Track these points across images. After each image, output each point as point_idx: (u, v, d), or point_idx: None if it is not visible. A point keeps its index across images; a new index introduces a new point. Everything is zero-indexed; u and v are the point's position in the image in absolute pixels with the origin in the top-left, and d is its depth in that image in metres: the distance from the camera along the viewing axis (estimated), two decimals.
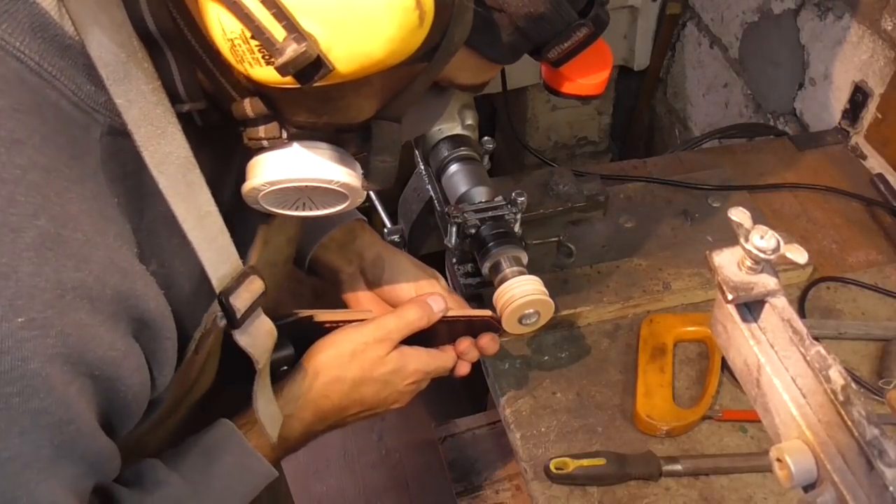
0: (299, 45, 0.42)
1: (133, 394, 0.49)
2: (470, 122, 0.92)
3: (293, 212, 0.59)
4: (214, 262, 0.54)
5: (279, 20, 0.42)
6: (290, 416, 0.67)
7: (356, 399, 0.70)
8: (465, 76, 0.57)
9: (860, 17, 1.18)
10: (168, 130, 0.49)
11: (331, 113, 0.53)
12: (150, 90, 0.48)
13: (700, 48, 1.71)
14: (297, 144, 0.54)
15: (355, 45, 0.44)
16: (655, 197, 1.10)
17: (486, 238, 0.82)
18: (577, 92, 0.63)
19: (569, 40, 0.54)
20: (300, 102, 0.52)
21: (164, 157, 0.49)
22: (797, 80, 1.37)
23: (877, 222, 1.09)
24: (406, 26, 0.44)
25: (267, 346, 0.61)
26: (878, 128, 1.17)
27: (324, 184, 0.55)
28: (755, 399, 0.51)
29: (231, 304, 0.56)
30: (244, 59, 0.45)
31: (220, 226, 0.54)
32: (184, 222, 0.51)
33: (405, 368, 0.71)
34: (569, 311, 0.94)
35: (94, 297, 0.44)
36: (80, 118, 0.46)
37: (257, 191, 0.55)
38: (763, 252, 0.47)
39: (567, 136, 2.02)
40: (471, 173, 0.90)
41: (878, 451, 0.40)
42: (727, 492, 0.80)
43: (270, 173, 0.54)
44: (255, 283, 0.58)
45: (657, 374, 0.88)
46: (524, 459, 0.83)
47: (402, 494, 1.88)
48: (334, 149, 0.55)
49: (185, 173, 0.51)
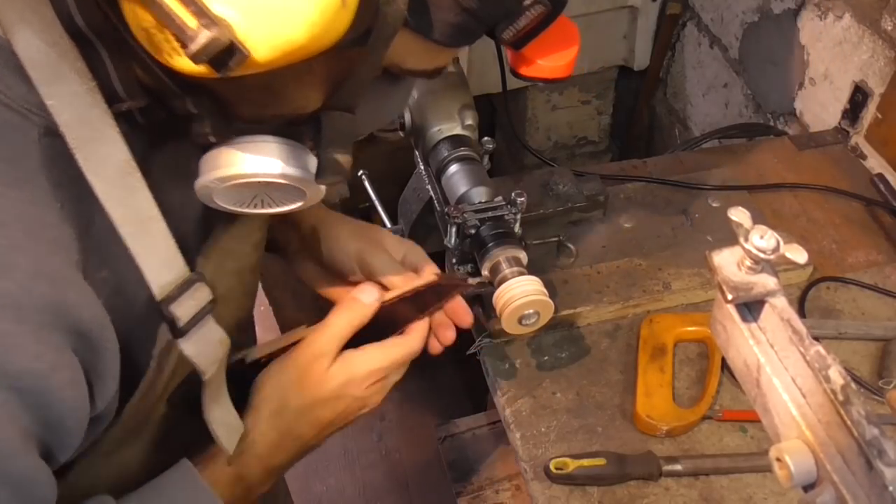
0: (211, 31, 0.40)
1: (68, 408, 0.47)
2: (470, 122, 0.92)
3: (252, 210, 0.56)
4: (156, 270, 0.52)
5: (187, 6, 0.40)
6: (242, 453, 0.64)
7: (312, 422, 0.67)
8: (415, 61, 0.54)
9: (860, 17, 1.18)
10: (106, 132, 0.47)
11: (275, 104, 0.51)
12: (84, 91, 0.46)
13: (700, 48, 1.71)
14: (245, 139, 0.52)
15: (273, 30, 0.41)
16: (655, 197, 1.10)
17: (486, 238, 0.82)
18: (539, 75, 0.60)
19: (522, 20, 0.52)
20: (241, 95, 0.50)
21: (100, 160, 0.47)
22: (797, 80, 1.37)
23: (877, 222, 1.09)
24: (327, 8, 0.41)
25: (216, 357, 0.58)
26: (878, 128, 1.17)
27: (275, 179, 0.53)
28: (755, 399, 0.51)
29: (172, 312, 0.53)
30: (162, 49, 0.42)
31: (164, 232, 0.52)
32: (121, 228, 0.49)
33: (355, 375, 0.66)
34: (569, 311, 0.94)
35: (20, 305, 0.42)
36: (13, 120, 0.44)
37: (209, 189, 0.53)
38: (763, 252, 0.47)
39: (567, 136, 2.02)
40: (471, 173, 0.90)
41: (877, 451, 0.40)
42: (727, 492, 0.80)
43: (219, 170, 0.52)
44: (202, 290, 0.55)
45: (657, 374, 0.88)
46: (524, 459, 0.83)
47: (402, 494, 1.89)
48: (286, 142, 0.53)
49: (124, 177, 0.49)
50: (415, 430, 1.97)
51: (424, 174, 1.00)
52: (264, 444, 0.65)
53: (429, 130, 0.92)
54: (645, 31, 1.78)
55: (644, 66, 1.85)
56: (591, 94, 1.94)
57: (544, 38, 0.55)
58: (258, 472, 0.65)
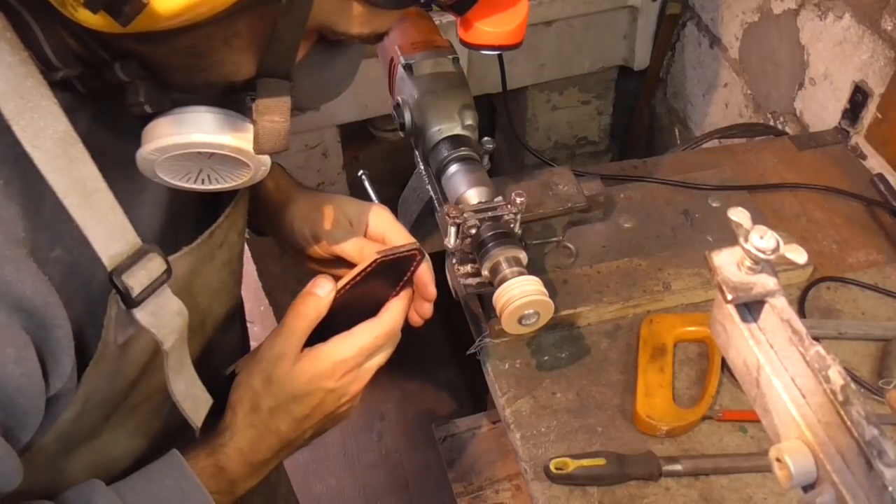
0: None
1: (14, 387, 0.47)
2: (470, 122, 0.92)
3: (198, 186, 0.55)
4: (105, 240, 0.51)
5: None
6: (223, 446, 0.65)
7: (287, 419, 0.66)
8: (349, 24, 0.52)
9: (860, 17, 1.18)
10: (41, 103, 0.46)
11: (206, 70, 0.50)
12: (16, 62, 0.45)
13: (700, 48, 1.71)
14: (181, 109, 0.51)
15: None
16: (655, 197, 1.10)
17: (486, 238, 0.82)
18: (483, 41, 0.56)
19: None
20: (170, 60, 0.49)
21: (38, 131, 0.46)
22: (797, 80, 1.37)
23: (877, 222, 1.09)
24: None
25: (174, 327, 0.57)
26: (878, 128, 1.17)
27: (212, 149, 0.52)
28: (755, 399, 0.51)
29: (124, 282, 0.52)
30: (66, 2, 0.41)
31: (111, 202, 0.51)
32: (65, 199, 0.48)
33: (321, 369, 0.65)
34: (569, 311, 0.94)
35: None
36: None
37: (149, 161, 0.52)
38: (762, 252, 0.47)
39: (567, 136, 2.02)
40: (471, 173, 0.90)
41: (877, 452, 0.40)
42: (727, 492, 0.80)
43: (156, 141, 0.51)
44: (154, 260, 0.54)
45: (657, 374, 0.88)
46: (524, 459, 0.84)
47: (402, 494, 1.89)
48: (224, 112, 0.52)
49: (66, 148, 0.48)
50: (415, 430, 1.97)
51: (424, 174, 1.00)
52: (244, 439, 0.65)
53: (429, 130, 0.92)
54: (645, 31, 1.78)
55: (644, 66, 1.85)
56: (591, 94, 1.94)
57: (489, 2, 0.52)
58: (240, 465, 0.65)
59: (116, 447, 0.64)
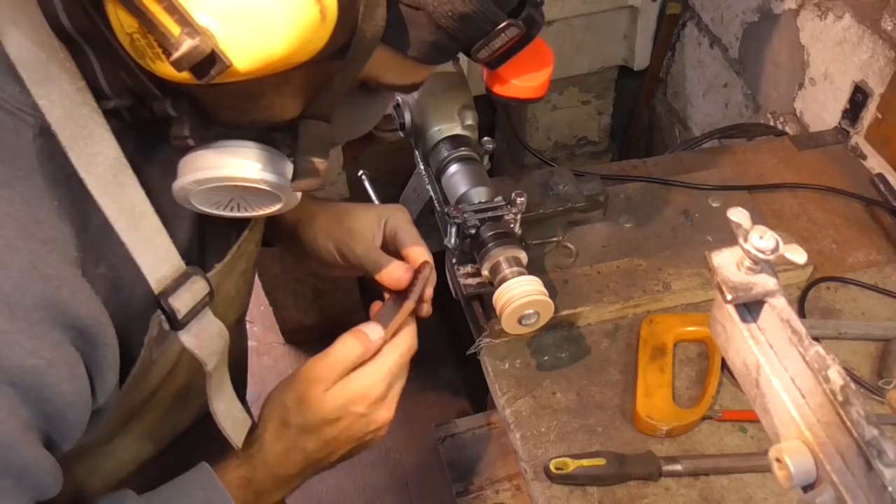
0: (193, 39, 0.41)
1: (66, 403, 0.48)
2: (470, 122, 0.92)
3: (227, 213, 0.58)
4: (152, 264, 0.53)
5: (171, 14, 0.41)
6: (251, 457, 0.66)
7: (315, 440, 0.67)
8: (392, 76, 0.55)
9: (860, 17, 1.18)
10: (95, 130, 0.48)
11: (254, 111, 0.52)
12: (73, 90, 0.47)
13: (700, 48, 1.71)
14: (223, 143, 0.53)
15: (253, 41, 0.42)
16: (655, 197, 1.10)
17: (486, 238, 0.82)
18: (512, 94, 0.61)
19: (497, 41, 0.53)
20: (221, 100, 0.51)
21: (91, 157, 0.48)
22: (797, 80, 1.37)
23: (877, 222, 1.09)
24: (306, 23, 0.43)
25: (217, 348, 0.60)
26: (878, 128, 1.17)
27: (251, 183, 0.54)
28: (754, 399, 0.51)
29: (171, 304, 0.54)
30: (145, 54, 0.44)
31: (157, 226, 0.53)
32: (115, 223, 0.50)
33: (354, 395, 0.66)
34: (569, 311, 0.94)
35: (13, 303, 0.43)
36: (6, 120, 0.45)
37: (186, 191, 0.54)
38: (762, 252, 0.47)
39: (567, 136, 2.02)
40: (471, 173, 0.90)
41: (876, 452, 0.40)
42: (727, 492, 0.80)
43: (196, 173, 0.53)
44: (198, 283, 0.56)
45: (657, 374, 0.88)
46: (524, 459, 0.84)
47: (402, 494, 1.89)
48: (264, 148, 0.54)
49: (116, 173, 0.50)
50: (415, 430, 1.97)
51: (424, 174, 1.00)
52: (272, 452, 0.67)
53: (429, 130, 0.92)
54: (645, 31, 1.78)
55: (644, 66, 1.85)
56: (591, 94, 1.94)
57: (519, 59, 0.55)
58: (267, 478, 0.67)
59: (125, 451, 0.64)
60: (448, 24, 0.50)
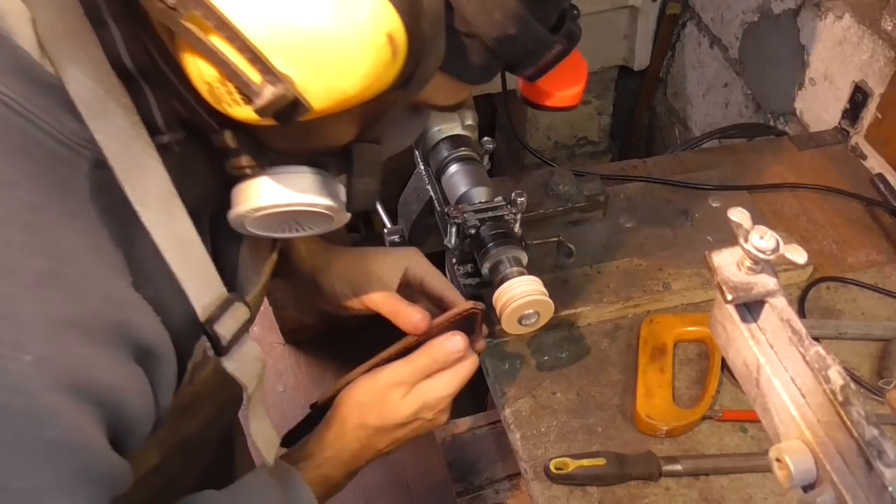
0: (276, 87, 0.43)
1: (137, 417, 0.50)
2: (470, 122, 0.92)
3: (279, 234, 0.59)
4: (198, 291, 0.55)
5: (254, 64, 0.43)
6: (330, 458, 0.72)
7: (388, 439, 0.74)
8: (441, 98, 0.58)
9: (860, 17, 1.18)
10: (148, 164, 0.50)
11: (312, 140, 0.54)
12: (128, 125, 0.49)
13: (700, 48, 1.71)
14: (280, 170, 0.55)
15: (331, 83, 0.44)
16: (655, 197, 1.10)
17: (486, 238, 0.82)
18: (554, 104, 0.64)
19: (542, 58, 0.55)
20: (281, 132, 0.52)
21: (144, 189, 0.50)
22: (797, 80, 1.37)
23: (877, 222, 1.09)
24: (380, 62, 0.45)
25: (255, 372, 0.61)
26: (878, 128, 1.17)
27: (309, 207, 0.56)
28: (755, 399, 0.51)
29: (216, 331, 0.56)
30: (222, 100, 0.46)
31: (203, 254, 0.55)
32: (166, 253, 0.51)
33: (428, 402, 0.73)
34: (569, 311, 0.94)
35: (90, 330, 0.45)
36: (65, 154, 0.46)
37: (243, 217, 0.56)
38: (762, 252, 0.47)
39: (567, 136, 2.02)
40: (471, 173, 0.90)
41: (877, 452, 0.40)
42: (727, 492, 0.80)
43: (256, 200, 0.55)
44: (240, 309, 0.58)
45: (657, 374, 0.88)
46: (524, 459, 0.84)
47: (402, 494, 1.88)
48: (317, 172, 0.56)
49: (166, 204, 0.51)
50: None
51: (424, 174, 1.00)
52: (349, 452, 0.73)
53: (429, 130, 0.92)
54: (645, 31, 1.78)
55: (644, 66, 1.85)
56: (591, 94, 1.94)
57: (557, 70, 0.58)
58: (341, 475, 0.73)
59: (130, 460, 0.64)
60: (497, 47, 0.52)
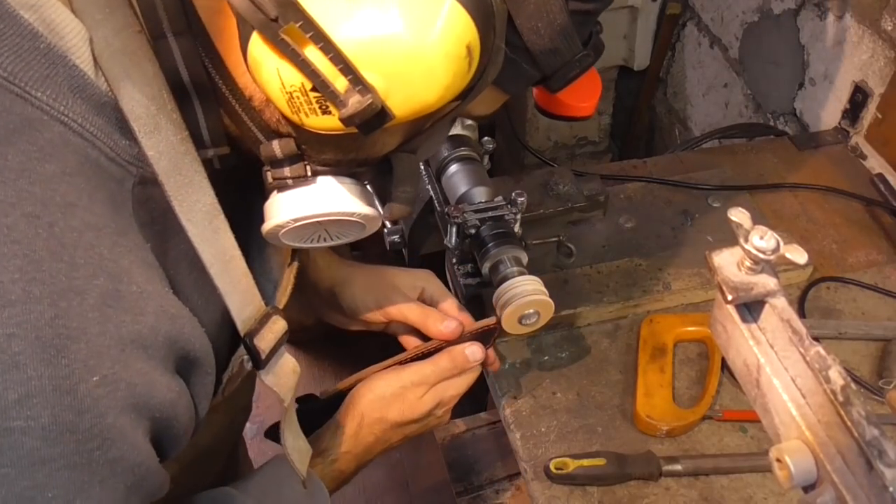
0: (363, 97, 0.44)
1: (183, 429, 0.50)
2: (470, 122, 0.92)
3: (310, 245, 0.59)
4: (239, 305, 0.55)
5: (345, 74, 0.43)
6: (346, 452, 0.74)
7: (401, 434, 0.78)
8: (482, 108, 0.59)
9: (860, 17, 1.18)
10: (195, 179, 0.50)
11: (358, 150, 0.54)
12: (178, 140, 0.49)
13: (700, 48, 1.71)
14: (320, 180, 0.55)
15: (413, 92, 0.45)
16: (655, 197, 1.10)
17: (486, 238, 0.82)
18: (573, 114, 0.65)
19: (575, 70, 0.56)
20: (330, 142, 0.52)
21: (192, 205, 0.50)
22: (797, 80, 1.37)
23: (877, 222, 1.09)
24: (459, 73, 0.46)
25: (291, 385, 0.62)
26: (878, 128, 1.17)
27: (348, 217, 0.56)
28: (755, 399, 0.51)
29: (256, 345, 0.56)
30: (301, 109, 0.46)
31: (244, 269, 0.55)
32: (211, 268, 0.51)
33: (443, 401, 0.78)
34: (569, 311, 0.94)
35: (148, 345, 0.45)
36: (116, 172, 0.46)
37: (280, 227, 0.55)
38: (763, 252, 0.47)
39: (567, 136, 2.02)
40: (471, 173, 0.90)
41: (877, 452, 0.40)
42: (727, 492, 0.80)
43: (296, 210, 0.55)
44: (278, 323, 0.58)
45: (657, 374, 0.88)
46: (524, 459, 0.84)
47: (402, 494, 1.88)
48: (356, 182, 0.56)
49: (211, 219, 0.51)
50: None
51: (424, 174, 1.00)
52: (363, 446, 0.76)
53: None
54: (645, 31, 1.78)
55: (644, 66, 1.85)
56: None
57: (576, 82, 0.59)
58: (354, 467, 0.77)
59: None
60: (542, 59, 0.53)
